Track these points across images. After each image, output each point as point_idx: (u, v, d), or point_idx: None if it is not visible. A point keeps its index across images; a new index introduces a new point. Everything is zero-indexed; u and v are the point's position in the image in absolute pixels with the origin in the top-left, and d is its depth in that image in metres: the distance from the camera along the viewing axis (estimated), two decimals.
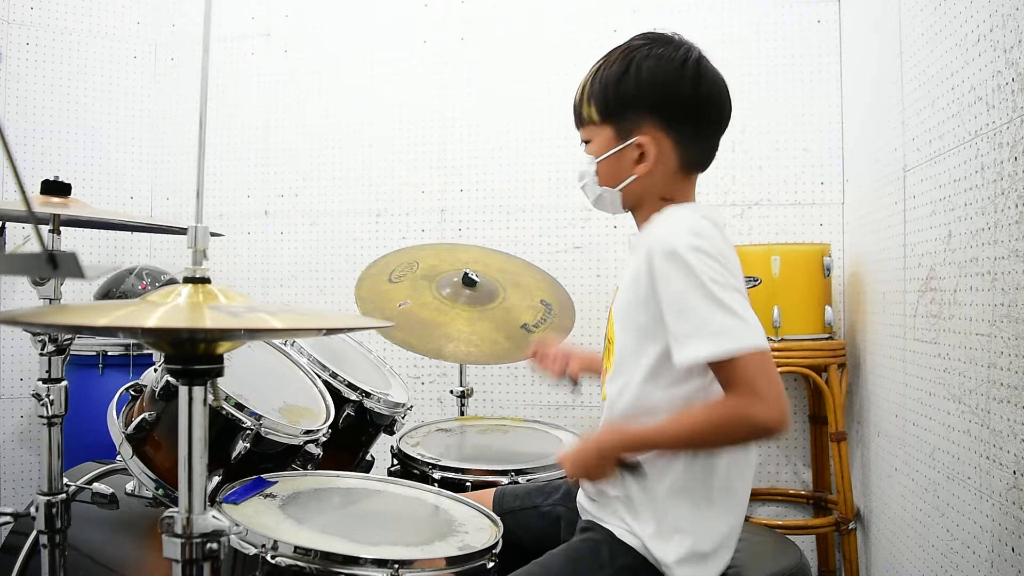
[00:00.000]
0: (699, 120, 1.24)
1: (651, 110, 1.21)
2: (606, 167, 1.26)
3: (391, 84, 2.97)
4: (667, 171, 1.24)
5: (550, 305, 2.16)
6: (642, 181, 1.24)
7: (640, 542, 1.19)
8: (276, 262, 3.06)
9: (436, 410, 2.86)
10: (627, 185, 1.25)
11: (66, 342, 1.51)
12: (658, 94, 1.21)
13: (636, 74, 1.21)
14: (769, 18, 2.67)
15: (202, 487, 0.92)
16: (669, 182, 1.25)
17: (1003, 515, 1.35)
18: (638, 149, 1.23)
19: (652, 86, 1.21)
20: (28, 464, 2.91)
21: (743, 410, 1.08)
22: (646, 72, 1.21)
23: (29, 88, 2.93)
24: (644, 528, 1.19)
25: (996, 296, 1.37)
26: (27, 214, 0.80)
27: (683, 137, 1.23)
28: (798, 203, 2.66)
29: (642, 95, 1.21)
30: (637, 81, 1.21)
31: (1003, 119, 1.35)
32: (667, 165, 1.24)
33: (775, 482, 2.67)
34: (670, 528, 1.18)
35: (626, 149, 1.23)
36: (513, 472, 1.70)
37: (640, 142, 1.22)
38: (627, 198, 1.28)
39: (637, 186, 1.25)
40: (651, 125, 1.22)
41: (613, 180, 1.26)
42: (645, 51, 1.22)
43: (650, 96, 1.21)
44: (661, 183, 1.25)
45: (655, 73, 1.20)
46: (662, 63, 1.21)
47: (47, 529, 1.46)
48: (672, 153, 1.23)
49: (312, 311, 1.32)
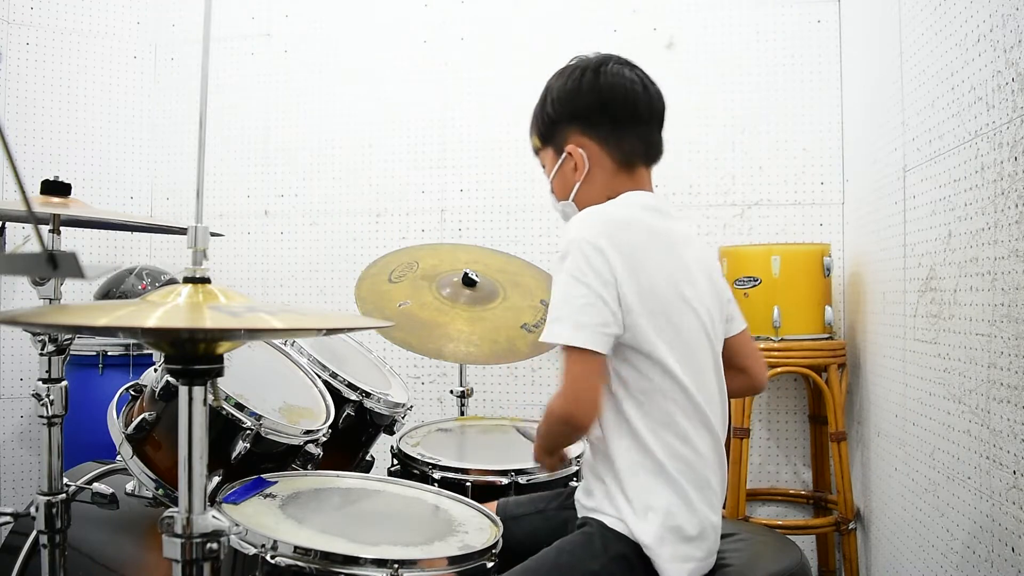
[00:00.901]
0: (610, 117, 1.35)
1: (568, 122, 1.37)
2: (557, 183, 1.41)
3: (391, 84, 2.97)
4: (605, 171, 1.36)
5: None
6: (586, 186, 1.36)
7: (625, 526, 1.23)
8: (276, 262, 3.06)
9: (436, 410, 2.86)
10: (576, 193, 1.38)
11: (66, 342, 1.50)
12: (566, 107, 1.37)
13: (548, 98, 1.39)
14: (769, 18, 2.67)
15: (202, 487, 0.92)
16: (610, 181, 1.36)
17: (1003, 515, 1.35)
18: (571, 158, 1.36)
19: (561, 101, 1.37)
20: (28, 464, 2.91)
21: (551, 402, 1.23)
22: (555, 92, 1.38)
23: (29, 88, 2.93)
24: (622, 509, 1.23)
25: (996, 296, 1.37)
26: (27, 214, 0.80)
27: (603, 136, 1.35)
28: (798, 203, 2.66)
29: (557, 112, 1.38)
30: (551, 103, 1.38)
31: (1003, 119, 1.35)
32: (602, 165, 1.36)
33: (775, 482, 2.67)
34: (642, 506, 1.22)
35: (564, 162, 1.38)
36: (513, 472, 1.70)
37: (569, 150, 1.36)
38: (582, 206, 1.37)
39: (584, 192, 1.37)
40: (575, 134, 1.36)
41: (564, 193, 1.40)
42: (553, 78, 1.40)
43: (562, 110, 1.37)
44: (602, 184, 1.36)
45: (560, 90, 1.37)
46: (563, 81, 1.38)
47: (47, 529, 1.46)
48: (601, 153, 1.36)
49: (312, 311, 1.32)
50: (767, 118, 2.66)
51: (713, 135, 2.66)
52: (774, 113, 2.66)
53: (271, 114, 3.06)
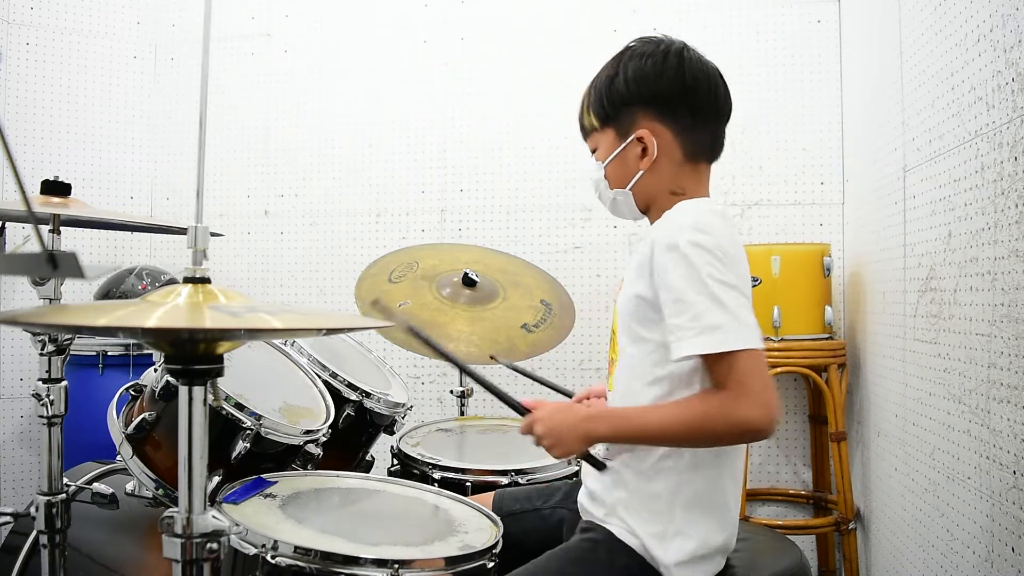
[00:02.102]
0: (691, 106, 1.26)
1: (644, 105, 1.26)
2: (613, 169, 1.30)
3: (391, 84, 2.97)
4: (672, 163, 1.27)
5: (550, 305, 2.16)
6: (649, 176, 1.27)
7: (639, 542, 1.19)
8: (276, 262, 3.06)
9: (436, 410, 2.86)
10: (636, 183, 1.27)
11: (66, 342, 1.50)
12: (646, 88, 1.25)
13: (623, 75, 1.27)
14: (769, 18, 2.67)
15: (202, 487, 0.92)
16: (676, 174, 1.27)
17: (1003, 515, 1.35)
18: (639, 144, 1.26)
19: (638, 82, 1.25)
20: (28, 464, 2.91)
21: (729, 407, 1.09)
22: (632, 71, 1.26)
23: (29, 88, 2.93)
24: (645, 528, 1.19)
25: (996, 296, 1.37)
26: (27, 214, 0.80)
27: (681, 125, 1.26)
28: (798, 203, 2.66)
29: (632, 92, 1.26)
30: (625, 80, 1.26)
31: (1003, 119, 1.35)
32: (671, 156, 1.26)
33: (775, 482, 2.67)
34: (673, 531, 1.18)
35: (628, 147, 1.27)
36: (513, 472, 1.70)
37: (640, 135, 1.25)
38: (639, 197, 1.29)
39: (645, 182, 1.27)
40: (647, 119, 1.26)
41: (622, 181, 1.29)
42: (629, 53, 1.29)
43: (639, 91, 1.26)
44: (668, 176, 1.27)
45: (639, 69, 1.26)
46: (644, 59, 1.26)
47: (47, 529, 1.46)
48: (673, 143, 1.26)
49: (312, 311, 1.32)
50: (767, 118, 2.66)
51: None
52: (774, 113, 2.66)
53: (271, 114, 3.06)
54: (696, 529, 1.18)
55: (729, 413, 1.09)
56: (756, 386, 1.08)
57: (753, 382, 1.08)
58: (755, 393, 1.08)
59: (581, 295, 2.68)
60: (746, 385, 1.08)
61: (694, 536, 1.18)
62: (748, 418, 1.08)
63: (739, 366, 1.09)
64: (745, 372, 1.09)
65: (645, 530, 1.19)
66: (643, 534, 1.19)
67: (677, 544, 1.17)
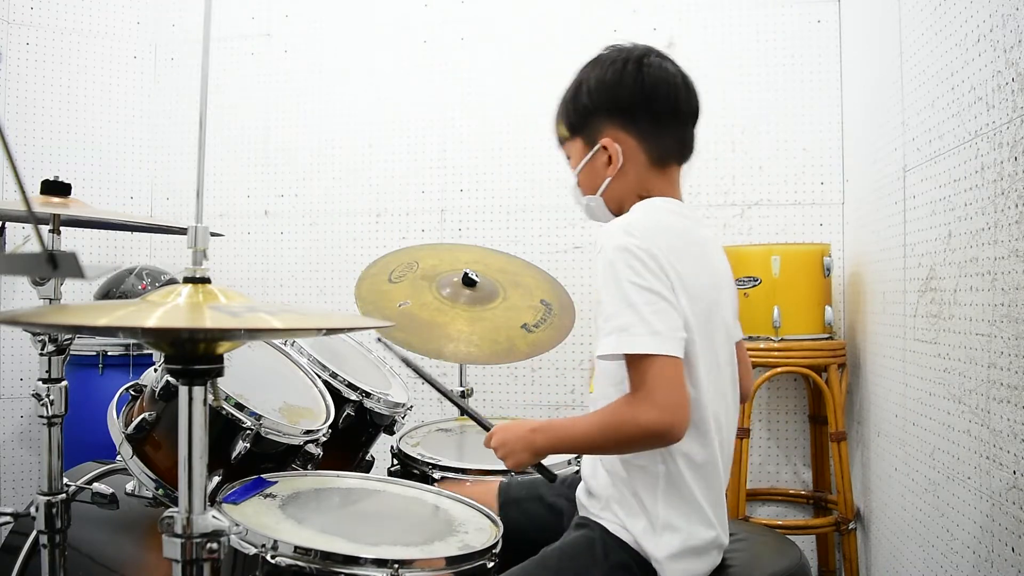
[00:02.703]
0: (652, 113, 1.29)
1: (606, 113, 1.30)
2: (584, 177, 1.35)
3: (391, 84, 2.97)
4: (638, 167, 1.30)
5: (550, 305, 2.16)
6: (617, 182, 1.31)
7: (632, 537, 1.22)
8: (276, 262, 3.06)
9: (436, 410, 2.86)
10: (605, 189, 1.32)
11: (66, 342, 1.50)
12: (606, 97, 1.30)
13: (586, 86, 1.32)
14: (769, 18, 2.67)
15: (202, 487, 0.92)
16: (643, 178, 1.31)
17: (1003, 515, 1.35)
18: (605, 152, 1.30)
19: (599, 92, 1.30)
20: (28, 464, 2.91)
21: (631, 411, 1.13)
22: (594, 81, 1.31)
23: (29, 88, 2.93)
24: (635, 524, 1.22)
25: (996, 296, 1.37)
26: (27, 214, 0.80)
27: (643, 131, 1.30)
28: (798, 203, 2.66)
29: (594, 102, 1.31)
30: (588, 91, 1.31)
31: (1003, 119, 1.35)
32: (636, 161, 1.30)
33: (775, 482, 2.67)
34: (661, 525, 1.20)
35: (596, 155, 1.31)
36: (513, 472, 1.70)
37: (604, 143, 1.30)
38: (610, 202, 1.33)
39: (614, 188, 1.31)
40: (611, 127, 1.30)
41: (592, 187, 1.33)
42: (591, 65, 1.33)
43: (600, 101, 1.30)
44: (635, 180, 1.31)
45: (600, 79, 1.30)
46: (604, 70, 1.31)
47: (47, 529, 1.46)
48: (637, 148, 1.30)
49: (312, 311, 1.32)
50: (767, 118, 2.66)
51: (713, 135, 2.65)
52: (774, 113, 2.66)
53: (271, 114, 3.06)
54: (681, 523, 1.20)
55: (635, 416, 1.13)
56: (659, 390, 1.11)
57: (656, 386, 1.11)
58: (655, 396, 1.11)
59: (581, 295, 2.68)
60: (649, 389, 1.11)
61: (681, 529, 1.20)
62: (650, 422, 1.11)
63: (645, 370, 1.12)
64: (650, 376, 1.12)
65: (636, 525, 1.21)
66: (634, 529, 1.21)
67: (667, 538, 1.20)
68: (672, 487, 1.21)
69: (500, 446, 1.29)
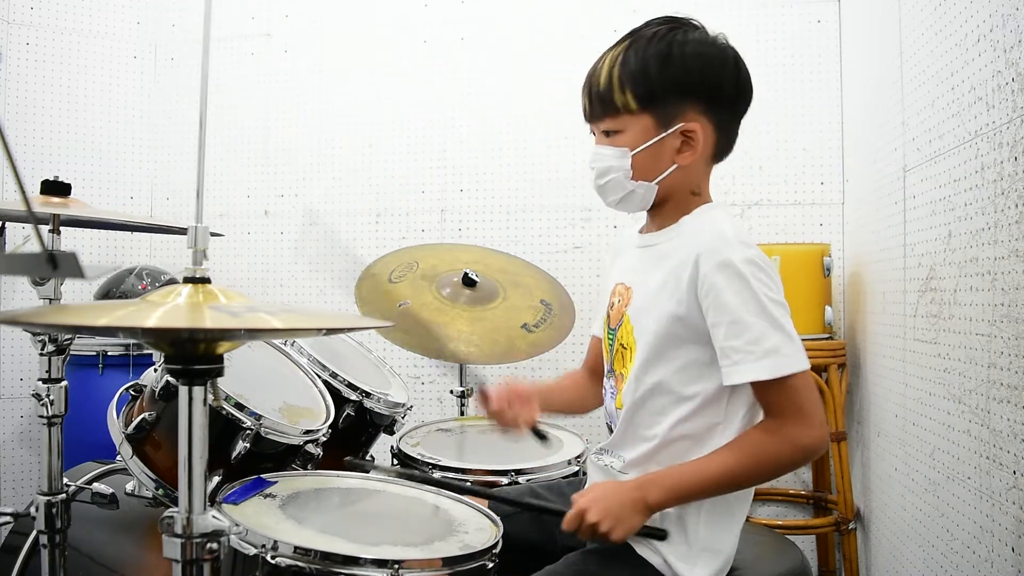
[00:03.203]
0: (737, 107, 1.20)
1: (697, 95, 1.15)
2: (644, 159, 1.17)
3: (391, 84, 2.97)
4: (703, 161, 1.20)
5: (550, 305, 2.16)
6: (680, 172, 1.17)
7: (662, 560, 1.16)
8: (276, 262, 3.06)
9: (436, 410, 2.86)
10: (665, 177, 1.17)
11: (66, 342, 1.50)
12: (706, 78, 1.15)
13: (681, 57, 1.14)
14: (769, 18, 2.67)
15: (202, 487, 0.92)
16: (701, 174, 1.21)
17: (1003, 515, 1.35)
18: (681, 137, 1.16)
19: (700, 70, 1.15)
20: (28, 464, 2.91)
21: (795, 435, 1.06)
22: (692, 56, 1.14)
23: (29, 88, 2.93)
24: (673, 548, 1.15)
25: (996, 296, 1.37)
26: (27, 214, 0.80)
27: (722, 122, 1.19)
28: (798, 203, 2.66)
29: (690, 79, 1.15)
30: (684, 66, 1.14)
31: (1003, 119, 1.35)
32: (705, 154, 1.19)
33: (775, 482, 2.67)
34: (699, 548, 1.15)
35: (668, 137, 1.16)
36: (513, 472, 1.70)
37: (690, 128, 1.15)
38: (660, 192, 1.20)
39: (674, 178, 1.17)
40: (695, 111, 1.16)
41: (650, 173, 1.17)
42: (683, 34, 1.16)
43: (698, 80, 1.15)
44: (695, 174, 1.20)
45: (702, 56, 1.15)
46: (706, 47, 1.16)
47: (47, 529, 1.46)
48: (711, 140, 1.18)
49: (312, 311, 1.32)
50: (767, 118, 2.66)
51: None
52: (774, 113, 2.66)
53: (271, 114, 3.06)
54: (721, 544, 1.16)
55: (794, 440, 1.06)
56: (812, 408, 1.06)
57: (810, 404, 1.06)
58: (813, 415, 1.06)
59: (581, 295, 2.68)
60: (805, 409, 1.06)
61: (720, 552, 1.16)
62: (812, 442, 1.06)
63: (797, 389, 1.06)
64: (802, 395, 1.06)
65: (671, 548, 1.15)
66: (668, 552, 1.15)
67: (704, 561, 1.15)
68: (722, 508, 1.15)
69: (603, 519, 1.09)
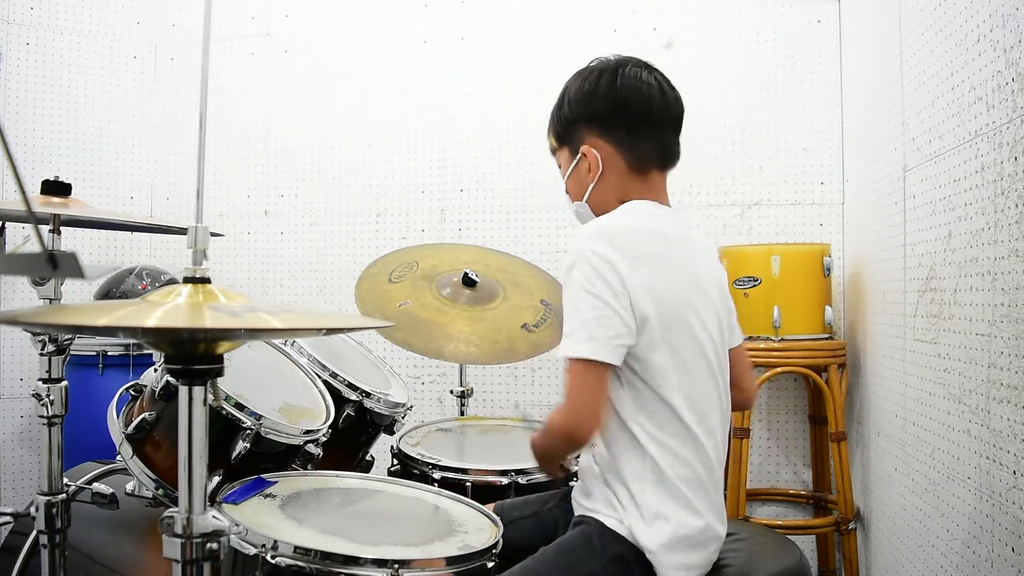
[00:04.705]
0: (627, 121, 1.34)
1: (585, 123, 1.37)
2: (571, 184, 1.41)
3: (391, 84, 2.97)
4: (618, 174, 1.35)
5: (550, 305, 2.16)
6: (599, 188, 1.36)
7: (627, 529, 1.23)
8: (276, 262, 3.06)
9: (436, 410, 2.86)
10: (589, 195, 1.37)
11: (66, 342, 1.50)
12: (583, 107, 1.36)
13: (566, 99, 1.39)
14: (769, 18, 2.67)
15: (202, 487, 0.92)
16: (623, 184, 1.36)
17: (1003, 515, 1.35)
18: (585, 160, 1.36)
19: (578, 103, 1.37)
20: (28, 464, 2.91)
21: (551, 416, 1.23)
22: (572, 93, 1.38)
23: (29, 88, 2.93)
24: (628, 515, 1.24)
25: (996, 296, 1.37)
26: (27, 214, 0.80)
27: (619, 139, 1.35)
28: (798, 203, 2.66)
29: (573, 112, 1.38)
30: (568, 103, 1.38)
31: (1003, 119, 1.35)
32: (616, 168, 1.35)
33: (775, 482, 2.67)
34: (651, 515, 1.22)
35: (579, 163, 1.38)
36: (513, 472, 1.70)
37: (583, 151, 1.36)
38: (595, 208, 1.38)
39: (596, 193, 1.37)
40: (590, 136, 1.36)
41: (579, 194, 1.40)
42: (574, 78, 1.40)
43: (578, 111, 1.37)
44: (615, 186, 1.36)
45: (579, 92, 1.37)
46: (580, 82, 1.37)
47: (47, 529, 1.46)
48: (615, 155, 1.35)
49: (312, 311, 1.32)
50: (767, 118, 2.66)
51: (713, 135, 2.66)
52: (774, 113, 2.66)
53: (271, 114, 3.06)
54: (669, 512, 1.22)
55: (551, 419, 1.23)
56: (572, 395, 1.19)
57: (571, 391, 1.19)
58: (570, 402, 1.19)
59: None
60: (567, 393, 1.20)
61: (670, 517, 1.22)
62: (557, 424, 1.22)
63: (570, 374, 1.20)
64: (569, 380, 1.20)
65: (628, 516, 1.24)
66: (628, 521, 1.23)
67: (658, 527, 1.22)
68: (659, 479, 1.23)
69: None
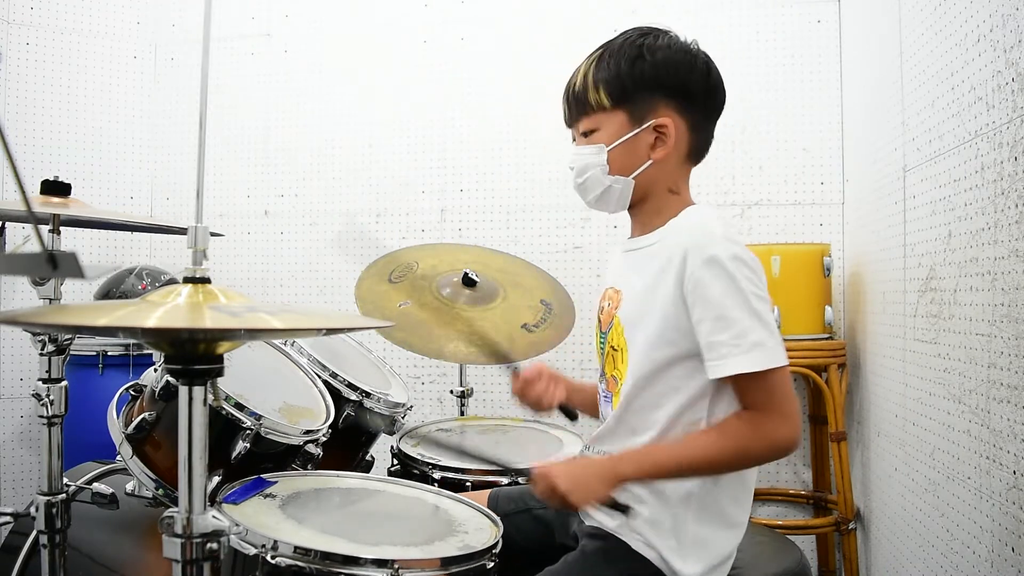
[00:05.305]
0: (709, 106, 1.25)
1: (668, 92, 1.21)
2: (619, 154, 1.23)
3: (391, 84, 2.97)
4: (678, 158, 1.25)
5: (550, 305, 2.16)
6: (655, 168, 1.23)
7: (657, 554, 1.18)
8: (276, 262, 3.06)
9: (436, 410, 2.86)
10: (641, 173, 1.23)
11: (66, 342, 1.50)
12: (675, 77, 1.21)
13: (651, 58, 1.21)
14: (769, 18, 2.67)
15: (202, 487, 0.92)
16: (677, 172, 1.26)
17: (1003, 515, 1.35)
18: (654, 132, 1.22)
19: (668, 69, 1.21)
20: (28, 464, 2.91)
21: (770, 428, 1.10)
22: (661, 56, 1.21)
23: (29, 88, 2.93)
24: (663, 542, 1.18)
25: (996, 296, 1.37)
26: (27, 214, 0.80)
27: (695, 122, 1.24)
28: (798, 203, 2.66)
29: (660, 77, 1.21)
30: (653, 64, 1.21)
31: (1003, 119, 1.35)
32: (679, 152, 1.24)
33: (775, 482, 2.67)
34: (689, 543, 1.17)
35: (642, 133, 1.22)
36: (513, 472, 1.70)
37: (661, 123, 1.21)
38: (638, 189, 1.24)
39: (650, 174, 1.23)
40: (667, 108, 1.22)
41: (627, 168, 1.23)
42: (653, 39, 1.23)
43: (667, 78, 1.21)
44: (672, 172, 1.25)
45: (671, 57, 1.22)
46: (675, 49, 1.23)
47: (47, 529, 1.46)
48: (685, 139, 1.24)
49: (312, 311, 1.32)
50: (767, 118, 2.66)
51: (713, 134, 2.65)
52: (774, 113, 2.66)
53: (271, 114, 3.06)
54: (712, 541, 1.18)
55: (770, 435, 1.10)
56: (788, 404, 1.10)
57: (788, 401, 1.10)
58: (788, 412, 1.10)
59: (581, 295, 2.68)
60: (783, 405, 1.10)
61: (711, 548, 1.17)
62: (785, 437, 1.10)
63: (775, 384, 1.10)
64: (780, 390, 1.10)
65: (663, 543, 1.18)
66: (661, 547, 1.18)
67: (695, 555, 1.17)
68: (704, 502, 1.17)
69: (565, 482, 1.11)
